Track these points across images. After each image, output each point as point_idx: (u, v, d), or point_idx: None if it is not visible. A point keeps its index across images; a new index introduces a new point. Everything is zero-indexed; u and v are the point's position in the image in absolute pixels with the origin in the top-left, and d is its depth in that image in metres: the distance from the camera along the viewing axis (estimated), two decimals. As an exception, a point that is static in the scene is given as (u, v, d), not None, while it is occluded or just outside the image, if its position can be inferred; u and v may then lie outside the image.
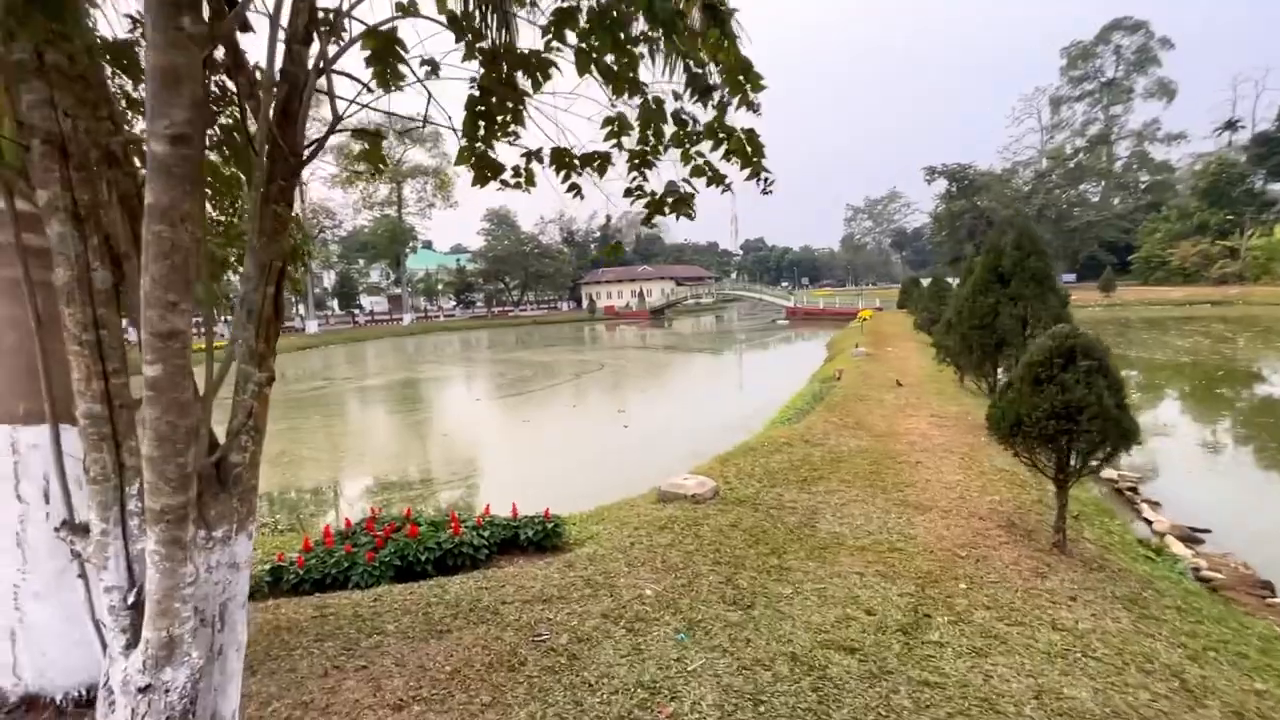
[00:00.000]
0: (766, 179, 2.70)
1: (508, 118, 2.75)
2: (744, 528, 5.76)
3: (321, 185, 62.18)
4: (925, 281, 34.88)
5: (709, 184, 2.78)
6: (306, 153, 1.83)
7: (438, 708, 3.08)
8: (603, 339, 47.26)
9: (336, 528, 6.13)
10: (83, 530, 1.76)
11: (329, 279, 71.96)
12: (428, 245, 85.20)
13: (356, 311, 71.26)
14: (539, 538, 5.78)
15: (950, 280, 26.93)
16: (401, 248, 66.24)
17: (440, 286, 79.31)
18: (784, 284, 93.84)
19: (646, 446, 13.46)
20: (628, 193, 2.90)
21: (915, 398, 12.55)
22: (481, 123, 2.73)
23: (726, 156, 2.79)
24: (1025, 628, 3.94)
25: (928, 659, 3.60)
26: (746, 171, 2.72)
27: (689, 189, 2.75)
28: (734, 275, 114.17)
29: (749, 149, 2.61)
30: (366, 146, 2.20)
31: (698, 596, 4.40)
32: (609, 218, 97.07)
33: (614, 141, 2.84)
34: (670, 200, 2.74)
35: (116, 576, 1.78)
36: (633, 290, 75.57)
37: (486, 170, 2.63)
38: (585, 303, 78.94)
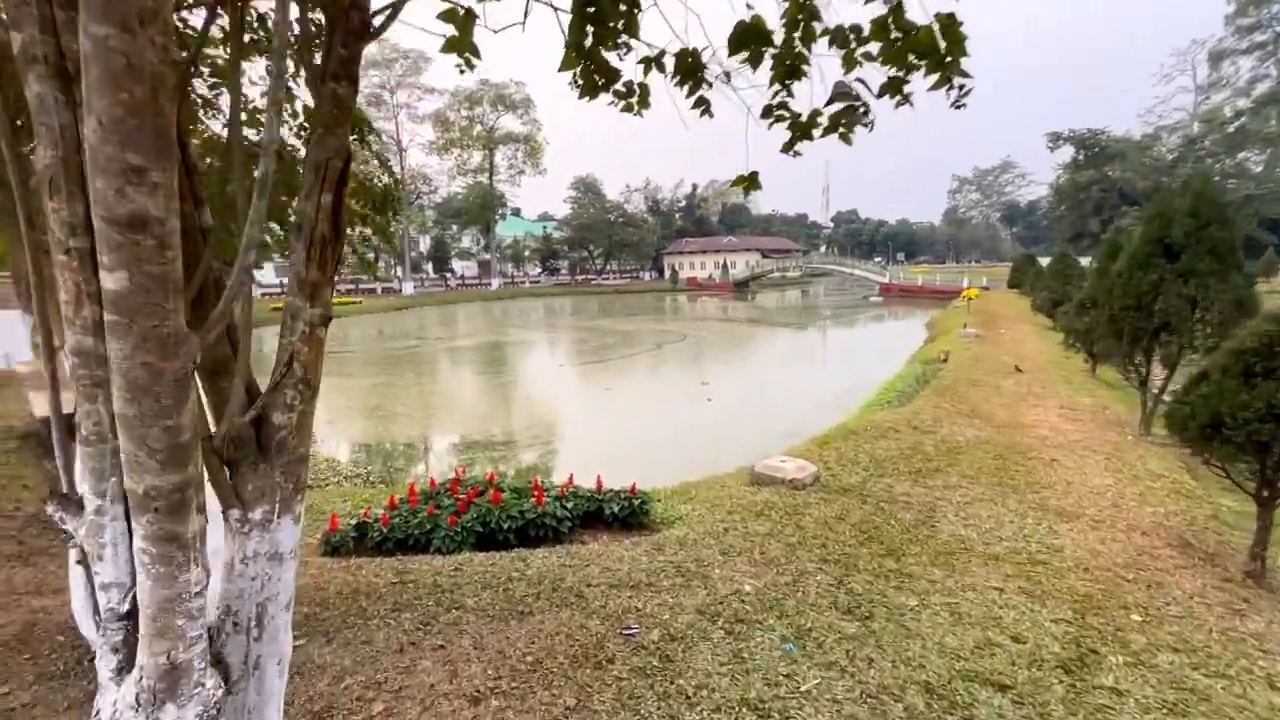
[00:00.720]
0: (961, 87, 2.03)
1: (619, 23, 2.23)
2: (852, 521, 5.12)
3: (420, 151, 64.49)
4: (1044, 260, 31.68)
5: (882, 95, 2.14)
6: (378, 20, 1.39)
7: (518, 705, 2.75)
8: (684, 310, 46.57)
9: (422, 486, 6.03)
10: (76, 505, 1.44)
11: (424, 243, 75.02)
12: (516, 212, 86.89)
13: (449, 275, 74.03)
14: (624, 514, 5.40)
15: (1080, 258, 24.20)
16: (491, 214, 67.81)
17: (527, 253, 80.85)
18: (877, 259, 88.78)
19: (731, 422, 12.87)
20: (767, 112, 2.31)
21: (1039, 386, 11.20)
22: (590, 27, 2.22)
23: (900, 63, 2.13)
24: (1232, 683, 3.13)
25: (1105, 711, 2.90)
26: (932, 79, 2.05)
27: (859, 92, 2.11)
28: (823, 249, 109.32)
29: (943, 44, 1.95)
30: (455, 32, 1.74)
31: (805, 599, 3.86)
32: (695, 186, 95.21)
33: (745, 54, 2.25)
34: (837, 115, 2.12)
35: (114, 570, 1.35)
36: (716, 262, 73.90)
37: (598, 76, 2.12)
38: (667, 273, 78.14)
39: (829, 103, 2.12)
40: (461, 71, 1.93)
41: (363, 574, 4.00)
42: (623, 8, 2.26)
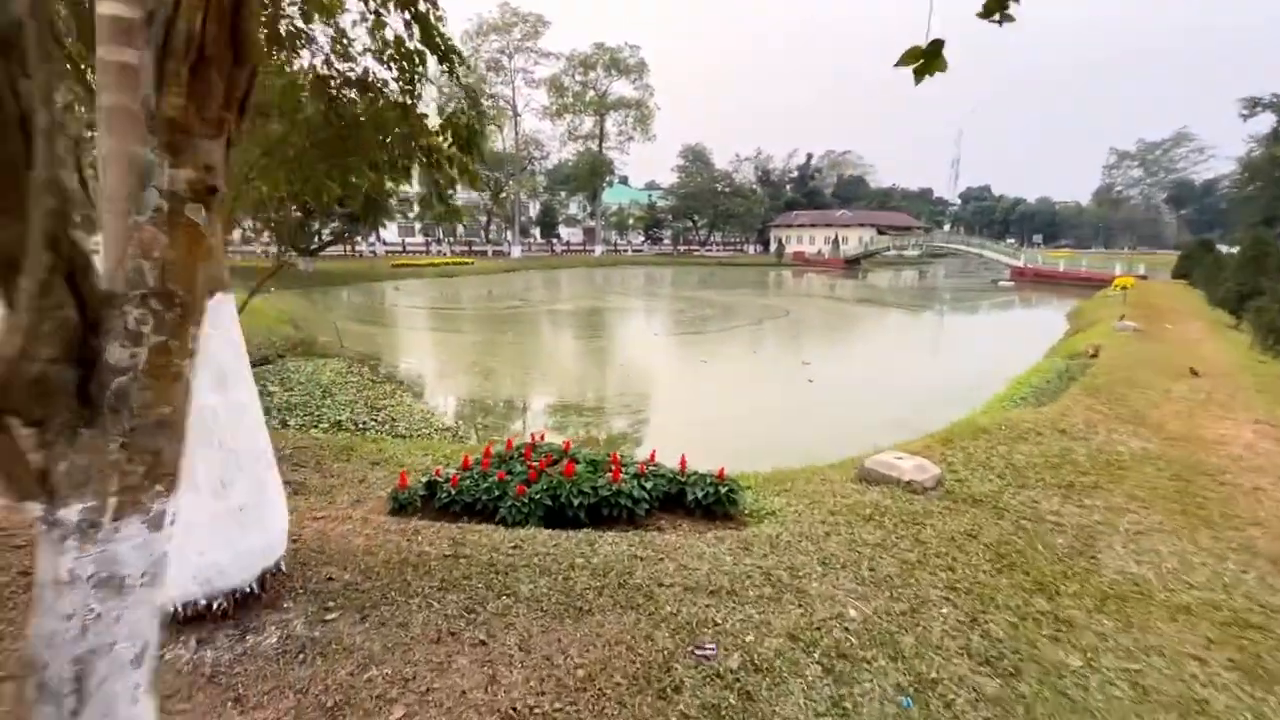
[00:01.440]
0: None
1: None
2: (986, 541, 4.21)
3: (534, 116, 65.55)
4: (1225, 248, 27.03)
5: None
6: None
7: (558, 733, 2.26)
8: (788, 285, 44.62)
9: (499, 448, 5.74)
10: None
11: (534, 209, 76.95)
12: (623, 180, 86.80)
13: (555, 241, 75.62)
14: (709, 501, 4.79)
15: None
16: (599, 181, 68.09)
17: (631, 221, 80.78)
18: (1009, 241, 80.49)
19: (834, 407, 11.82)
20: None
21: (1224, 394, 9.27)
22: None
23: None
24: None
25: None
26: None
27: None
28: (947, 227, 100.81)
29: None
30: None
31: (927, 637, 3.09)
32: (809, 156, 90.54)
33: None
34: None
35: None
36: (826, 236, 70.10)
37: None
38: (773, 247, 75.29)
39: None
40: None
41: (418, 540, 3.68)
42: None
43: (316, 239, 45.47)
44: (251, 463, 2.59)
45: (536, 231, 78.04)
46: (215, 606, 2.49)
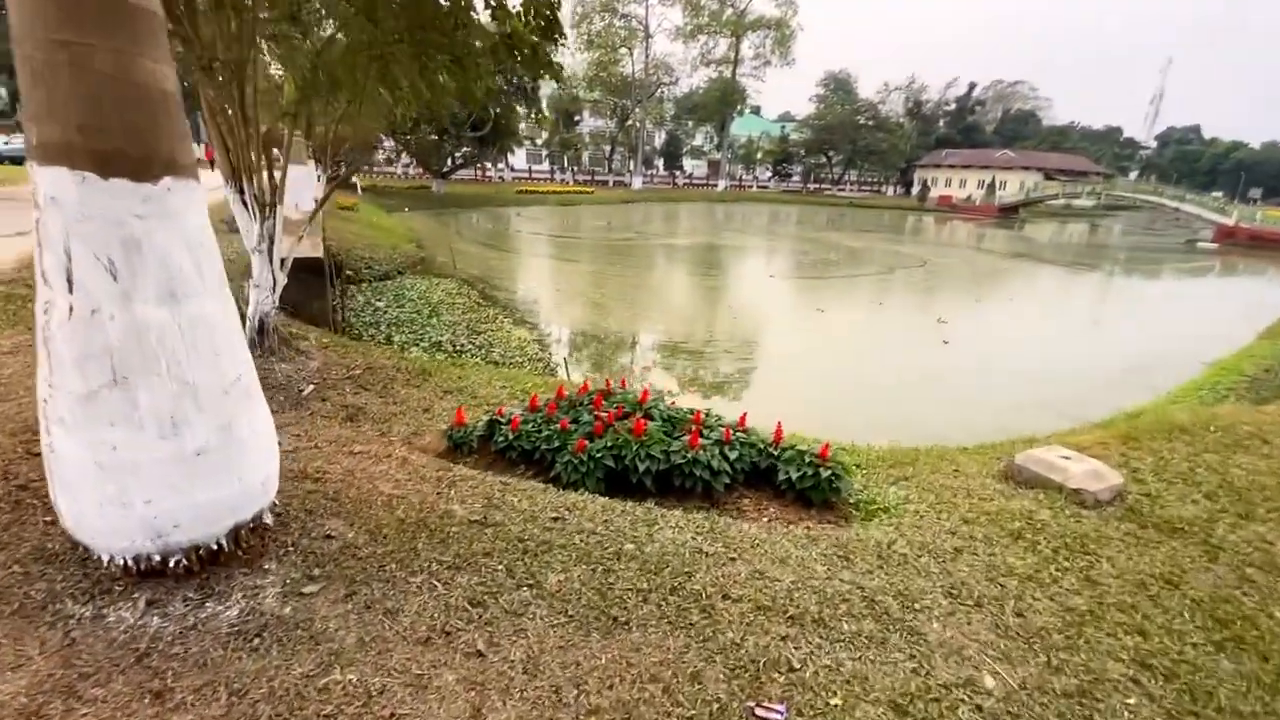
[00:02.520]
0: None
1: None
2: (1195, 595, 3.03)
3: (665, 38, 62.44)
4: None
5: None
6: None
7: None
8: (928, 233, 40.27)
9: (572, 391, 5.16)
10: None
11: (659, 139, 74.67)
12: (755, 110, 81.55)
13: (677, 173, 73.38)
14: (806, 484, 3.91)
15: None
16: (729, 110, 64.29)
17: (760, 155, 76.33)
18: (1216, 194, 67.07)
19: (972, 377, 10.18)
20: None
21: None
22: None
23: None
24: None
25: None
26: None
27: None
28: (1135, 174, 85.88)
29: None
30: None
31: (1103, 738, 2.12)
32: (972, 86, 79.87)
33: None
34: None
35: None
36: (981, 180, 62.14)
37: None
38: (916, 189, 68.30)
39: None
40: None
41: (450, 495, 3.17)
42: None
43: (449, 162, 47.10)
44: (215, 398, 2.10)
45: (660, 163, 76.20)
46: (174, 564, 2.09)
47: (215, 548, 2.17)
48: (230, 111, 4.00)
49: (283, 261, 4.78)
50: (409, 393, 5.23)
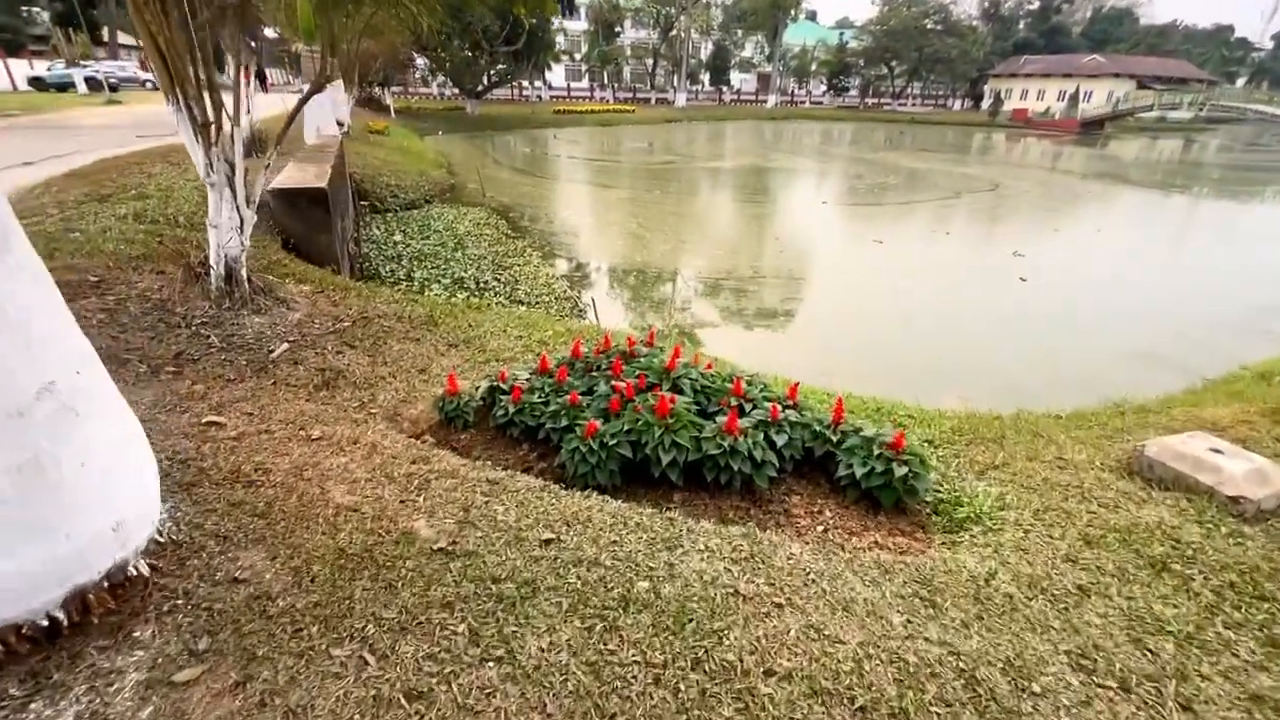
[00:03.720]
0: None
1: None
2: None
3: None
4: None
5: None
6: None
7: None
8: (998, 152, 36.79)
9: (588, 348, 4.40)
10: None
11: (705, 50, 69.60)
12: (810, 17, 74.89)
13: (724, 89, 68.78)
14: (873, 483, 3.10)
15: None
16: (782, 15, 58.95)
17: (814, 66, 70.61)
18: (1341, 103, 58.78)
19: (1058, 321, 8.93)
20: None
21: None
22: None
23: None
24: None
25: None
26: None
27: None
28: (1241, 81, 76.06)
29: None
30: None
31: None
32: (1061, -19, 71.07)
33: None
34: None
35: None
36: (1062, 90, 55.98)
37: None
38: (987, 102, 62.37)
39: None
40: None
41: (418, 504, 2.50)
42: None
43: (484, 80, 45.04)
44: (10, 417, 1.41)
45: (705, 78, 71.52)
46: (-12, 645, 1.49)
47: (46, 623, 1.56)
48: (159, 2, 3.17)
49: (249, 199, 4.05)
50: (405, 348, 4.56)
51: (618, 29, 60.97)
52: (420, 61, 42.54)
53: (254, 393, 3.24)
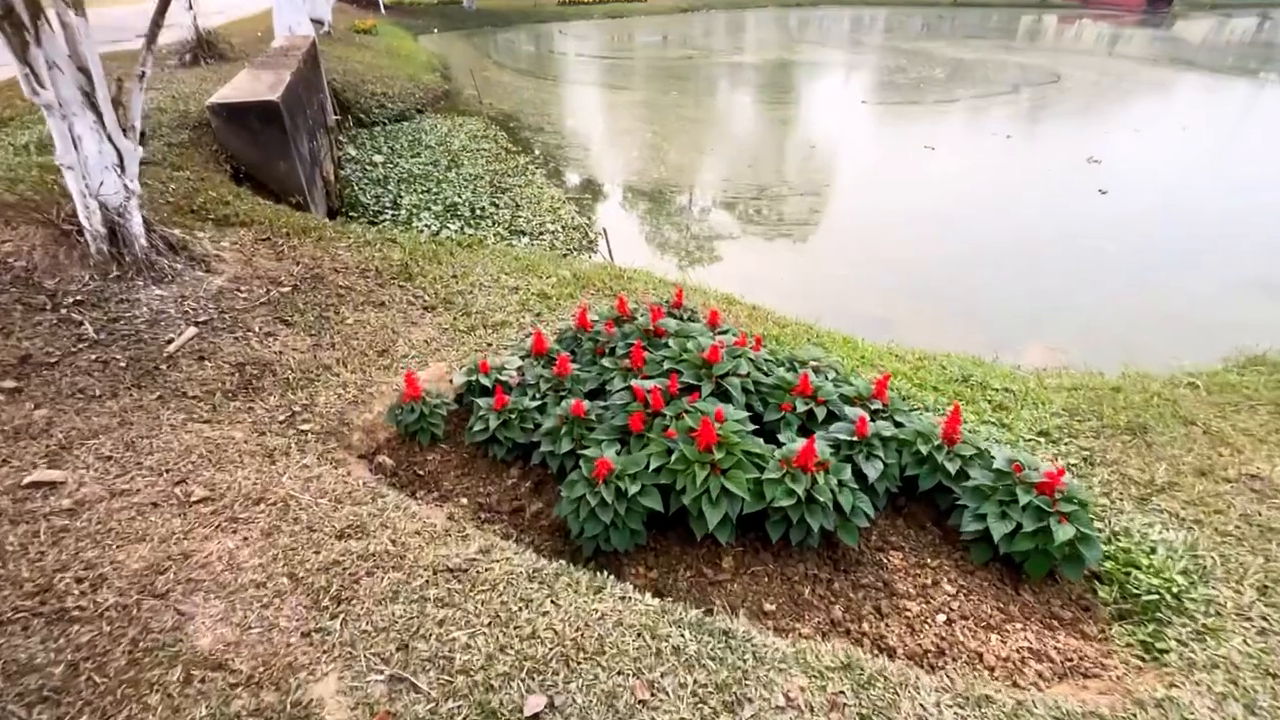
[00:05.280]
0: None
1: None
2: None
3: None
4: None
5: None
6: None
7: None
8: (1050, 36, 32.96)
9: (599, 316, 3.34)
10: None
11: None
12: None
13: (744, -29, 62.17)
14: (1020, 548, 2.12)
15: None
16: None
17: (845, -59, 63.23)
18: None
19: (1156, 244, 7.57)
20: None
21: None
22: None
23: None
24: None
25: None
26: None
27: None
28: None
29: None
30: None
31: None
32: None
33: None
34: None
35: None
36: (1127, -38, 49.74)
37: None
38: (1039, -22, 55.74)
39: None
40: None
41: (329, 638, 1.58)
42: None
43: (480, -34, 40.81)
44: None
45: (724, -42, 64.58)
46: None
47: None
48: None
49: (126, 124, 2.90)
50: (364, 318, 3.55)
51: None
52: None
53: (126, 416, 2.29)
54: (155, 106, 6.15)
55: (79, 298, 2.83)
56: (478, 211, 8.21)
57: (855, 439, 2.37)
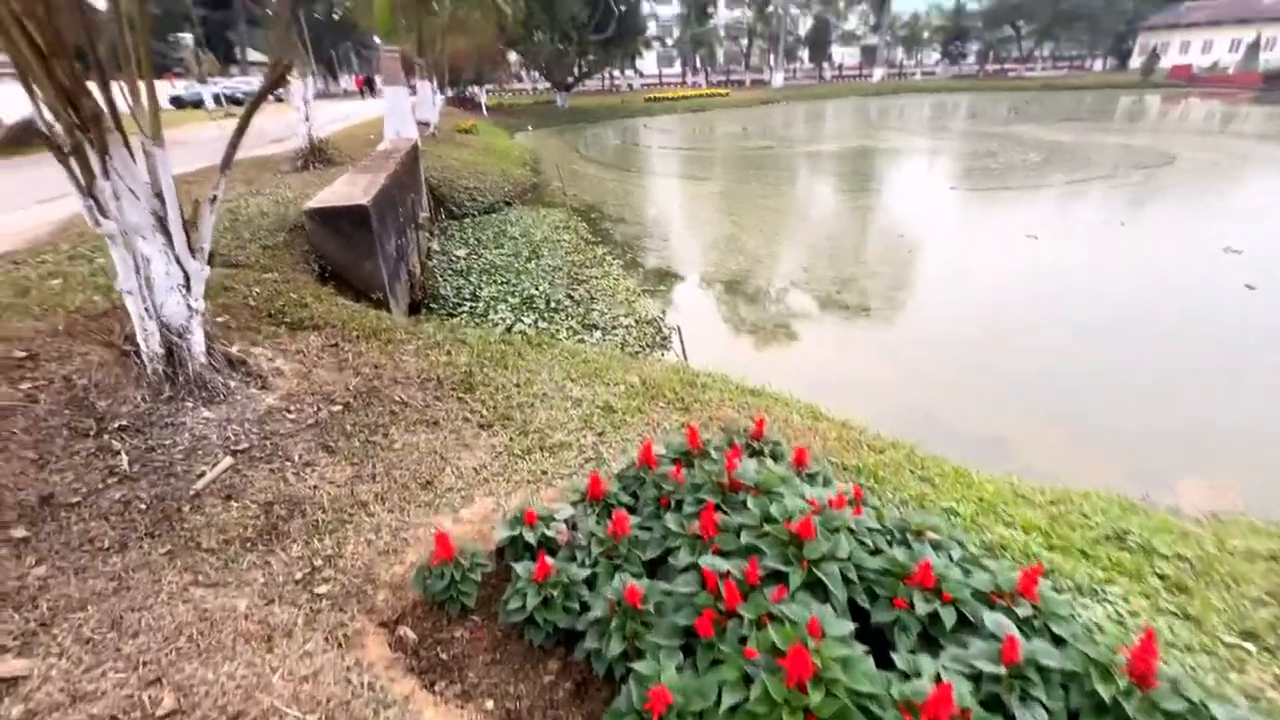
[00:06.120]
0: None
1: None
2: None
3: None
4: None
5: None
6: None
7: None
8: (1155, 116, 31.40)
9: (673, 448, 2.91)
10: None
11: (804, 25, 65.31)
12: (922, -21, 68.15)
13: (824, 65, 64.26)
14: None
15: None
16: (890, -20, 53.95)
17: (927, 34, 64.53)
18: None
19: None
20: None
21: None
22: None
23: None
24: None
25: None
26: None
27: None
28: None
29: None
30: None
31: None
32: (1234, -90, 60.59)
33: None
34: None
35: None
36: (1236, 40, 47.49)
37: None
38: (1138, 60, 54.31)
39: None
40: None
41: None
42: None
43: (575, 71, 44.58)
44: None
45: (804, 54, 67.36)
46: None
47: None
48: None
49: (194, 244, 2.87)
50: (413, 440, 3.28)
51: (710, 9, 58.37)
52: (512, 57, 42.49)
53: (126, 578, 2.04)
54: (258, 210, 6.54)
55: (124, 422, 2.72)
56: (553, 304, 8.17)
57: (1002, 668, 1.75)
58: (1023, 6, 54.79)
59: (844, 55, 67.84)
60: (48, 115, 2.20)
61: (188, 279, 2.90)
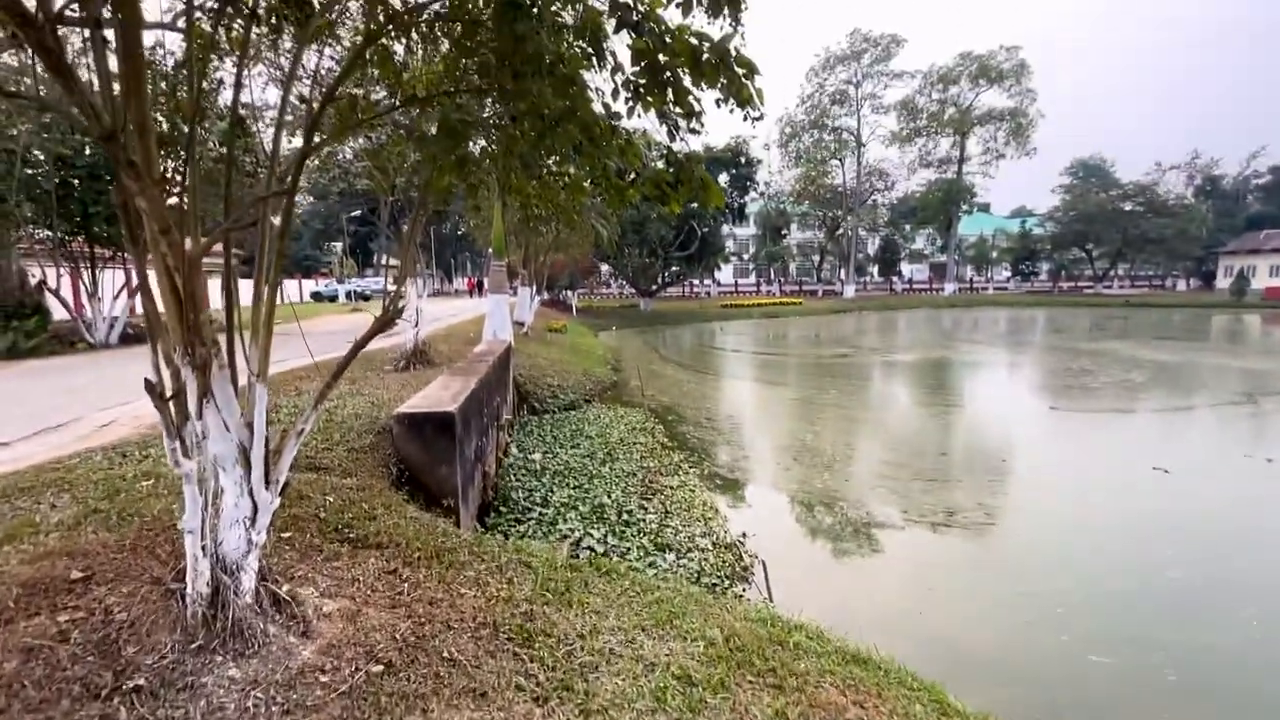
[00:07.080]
0: None
1: None
2: None
3: (879, 144, 60.11)
4: None
5: None
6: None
7: None
8: (1256, 335, 29.96)
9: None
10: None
11: (872, 245, 70.42)
12: (984, 209, 73.59)
13: (894, 279, 67.73)
14: None
15: None
16: (955, 209, 58.43)
17: (995, 254, 67.64)
18: None
19: None
20: None
21: None
22: None
23: None
24: None
25: None
26: None
27: None
28: None
29: None
30: None
31: None
32: (1295, 153, 63.53)
33: None
34: None
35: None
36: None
37: None
38: (1221, 280, 53.90)
39: None
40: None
41: None
42: None
43: (659, 280, 48.90)
44: None
45: (874, 269, 71.63)
46: None
47: None
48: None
49: (270, 477, 2.77)
50: (456, 717, 2.74)
51: (784, 231, 64.41)
52: (604, 267, 47.40)
53: None
54: (353, 412, 6.79)
55: (141, 681, 2.39)
56: (624, 515, 7.70)
57: None
58: (1088, 233, 57.01)
59: (913, 271, 71.53)
60: (161, 364, 2.24)
61: (255, 511, 2.74)
